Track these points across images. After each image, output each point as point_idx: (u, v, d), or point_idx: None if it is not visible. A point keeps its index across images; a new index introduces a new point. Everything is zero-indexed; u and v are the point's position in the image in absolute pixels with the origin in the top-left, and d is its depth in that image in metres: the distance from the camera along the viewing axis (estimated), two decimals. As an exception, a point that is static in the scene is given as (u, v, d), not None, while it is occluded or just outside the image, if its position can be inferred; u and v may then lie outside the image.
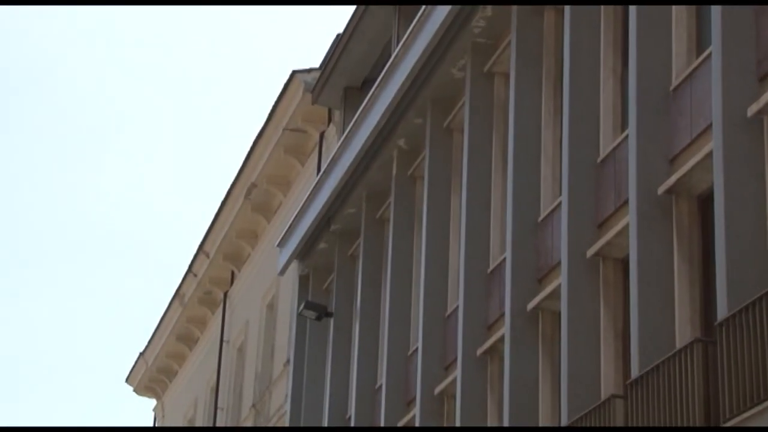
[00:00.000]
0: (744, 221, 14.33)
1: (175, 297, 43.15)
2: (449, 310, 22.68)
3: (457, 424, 20.83)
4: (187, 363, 44.99)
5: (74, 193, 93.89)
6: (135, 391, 49.59)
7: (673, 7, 17.14)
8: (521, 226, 19.72)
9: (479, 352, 20.84)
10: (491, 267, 21.27)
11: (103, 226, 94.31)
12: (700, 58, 16.18)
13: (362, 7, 27.43)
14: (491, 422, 20.78)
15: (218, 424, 38.29)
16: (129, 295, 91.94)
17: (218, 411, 38.55)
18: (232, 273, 39.45)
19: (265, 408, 34.05)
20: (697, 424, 13.77)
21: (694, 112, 16.10)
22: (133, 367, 48.57)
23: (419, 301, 23.58)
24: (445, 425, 22.35)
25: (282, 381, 32.13)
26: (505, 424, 19.04)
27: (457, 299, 21.77)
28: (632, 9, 17.26)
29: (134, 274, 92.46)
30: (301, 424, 29.02)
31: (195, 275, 41.04)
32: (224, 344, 38.94)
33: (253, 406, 35.24)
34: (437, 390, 22.46)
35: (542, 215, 19.60)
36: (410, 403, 23.67)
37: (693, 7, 17.03)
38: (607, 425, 15.69)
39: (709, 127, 15.28)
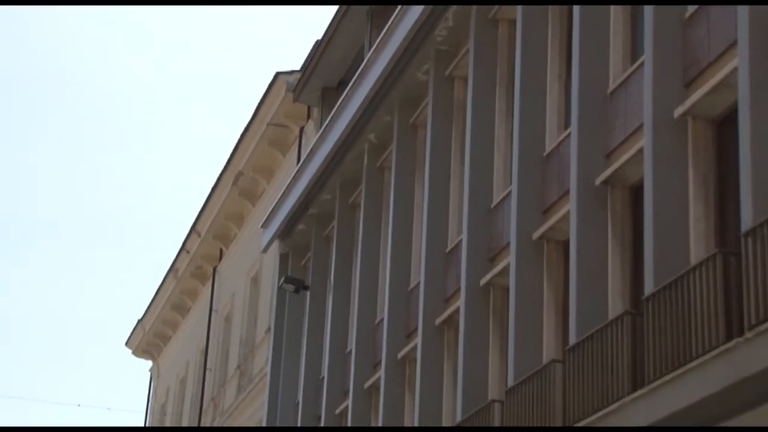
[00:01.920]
0: (669, 209, 14.51)
1: (170, 271, 43.16)
2: (412, 285, 22.67)
3: (417, 386, 20.93)
4: (180, 329, 44.99)
5: (84, 181, 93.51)
6: (133, 353, 49.61)
7: (611, 19, 17.17)
8: (476, 212, 19.77)
9: (437, 322, 20.91)
10: (449, 247, 21.31)
11: (108, 208, 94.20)
12: (634, 66, 16.30)
13: (339, 14, 27.33)
14: (447, 384, 20.83)
15: (207, 384, 38.30)
16: (129, 269, 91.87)
17: (207, 372, 38.56)
18: (221, 250, 39.48)
19: (249, 369, 34.08)
20: (626, 385, 13.84)
21: (628, 113, 16.21)
22: (132, 332, 48.57)
23: (386, 276, 23.59)
24: (406, 387, 22.43)
25: (263, 346, 32.15)
26: (459, 386, 19.08)
27: (419, 275, 21.81)
28: (575, 22, 17.34)
29: (134, 251, 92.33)
30: (280, 385, 29.02)
31: (188, 252, 41.06)
32: (213, 313, 38.96)
33: (238, 367, 35.27)
34: (400, 355, 22.54)
35: (494, 202, 19.65)
36: (376, 365, 23.71)
37: (629, 20, 17.05)
38: (547, 386, 15.73)
39: (641, 126, 15.43)
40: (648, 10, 15.50)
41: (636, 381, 13.83)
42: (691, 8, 15.16)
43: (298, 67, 30.77)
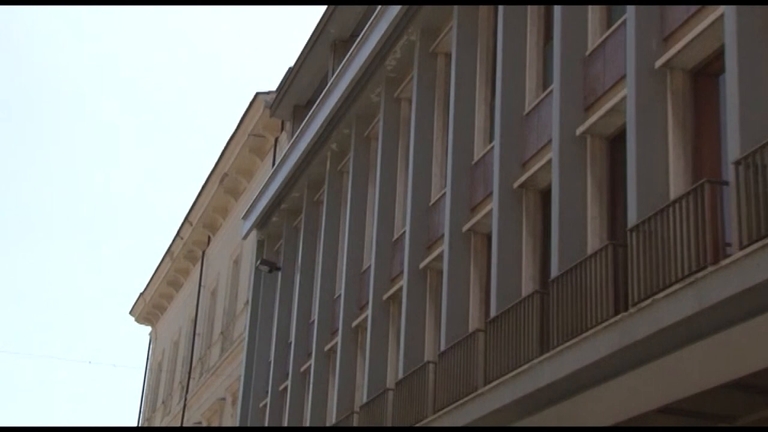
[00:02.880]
0: (571, 209, 14.63)
1: (167, 253, 43.05)
2: (364, 267, 22.71)
3: (368, 349, 20.94)
4: (174, 301, 44.88)
5: (94, 183, 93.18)
6: (136, 320, 49.41)
7: (527, 54, 17.06)
8: (417, 208, 19.83)
9: (385, 297, 20.96)
10: (395, 237, 21.36)
11: (119, 202, 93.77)
12: (545, 93, 16.26)
13: (309, 46, 27.23)
14: (391, 349, 20.79)
15: (195, 346, 38.26)
16: (134, 251, 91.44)
17: (196, 336, 38.49)
18: (209, 237, 39.40)
19: (230, 335, 34.05)
20: (535, 350, 13.91)
21: (539, 131, 16.16)
22: (135, 303, 48.45)
23: (343, 260, 23.59)
24: (358, 350, 22.63)
25: (243, 316, 32.13)
26: (401, 350, 18.95)
27: (370, 259, 21.80)
28: (499, 55, 17.24)
29: (138, 236, 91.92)
30: (255, 347, 28.98)
31: (182, 238, 40.96)
32: (201, 288, 38.86)
33: (222, 333, 35.22)
34: (354, 324, 22.58)
35: (432, 201, 19.68)
36: (334, 333, 23.73)
37: (541, 55, 16.94)
38: (472, 350, 15.84)
39: (550, 141, 15.45)
40: (556, 48, 15.43)
41: (543, 346, 13.88)
42: (591, 47, 15.10)
43: (274, 88, 30.78)
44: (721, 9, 11.96)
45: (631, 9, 13.72)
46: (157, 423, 44.18)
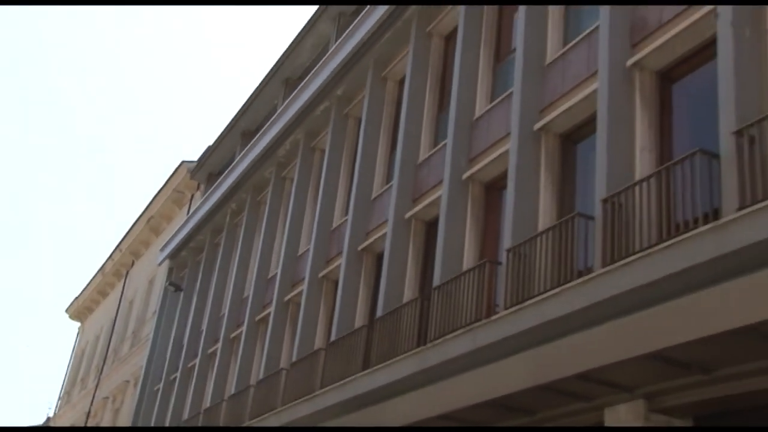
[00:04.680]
0: (454, 236, 13.16)
1: (99, 270, 41.81)
2: (273, 273, 22.75)
3: (267, 341, 19.33)
4: (100, 306, 43.49)
5: (46, 216, 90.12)
6: (70, 317, 47.88)
7: (423, 120, 15.53)
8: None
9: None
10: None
11: (75, 233, 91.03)
12: (437, 147, 14.84)
13: (225, 133, 26.94)
14: (287, 339, 19.17)
15: (112, 340, 37.10)
16: (75, 267, 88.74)
17: (113, 333, 37.45)
18: (133, 261, 38.42)
19: (139, 334, 33.17)
20: (414, 343, 12.57)
21: (431, 175, 14.69)
22: (70, 304, 46.94)
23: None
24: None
25: (150, 321, 31.38)
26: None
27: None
28: (401, 123, 15.77)
29: (81, 257, 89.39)
30: (157, 346, 28.25)
31: (113, 260, 39.83)
32: (122, 298, 37.82)
33: (133, 332, 34.31)
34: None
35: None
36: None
37: (435, 120, 15.47)
38: (357, 341, 14.42)
39: (439, 183, 14.08)
40: (451, 114, 14.00)
41: (420, 340, 12.64)
42: (479, 113, 13.73)
43: (196, 158, 30.61)
44: (595, 84, 10.91)
45: (517, 84, 12.46)
46: (74, 395, 42.54)
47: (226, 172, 25.10)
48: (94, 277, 43.07)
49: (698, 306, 7.43)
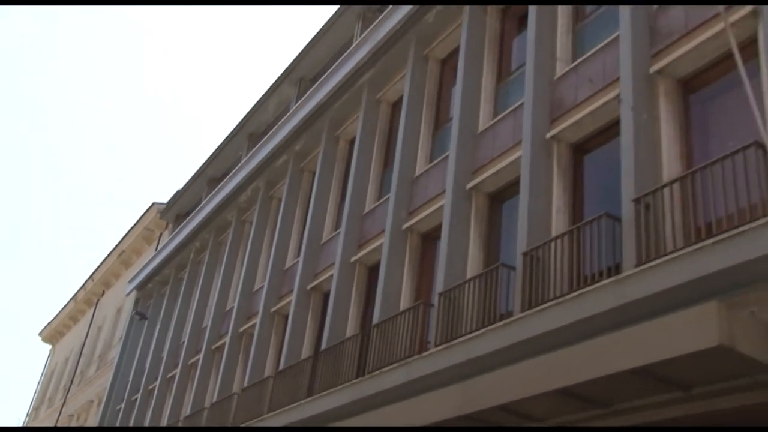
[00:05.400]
0: (393, 277, 13.12)
1: (72, 298, 40.75)
2: (229, 306, 21.46)
3: (221, 368, 18.95)
4: (71, 330, 42.34)
5: (42, 241, 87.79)
6: (42, 340, 46.47)
7: (370, 177, 15.28)
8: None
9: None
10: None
11: (52, 263, 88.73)
12: (381, 200, 14.71)
13: (192, 180, 26.57)
14: (239, 366, 18.79)
15: (80, 363, 36.13)
16: (51, 294, 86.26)
17: (81, 356, 36.46)
18: (104, 291, 37.69)
19: (105, 358, 32.33)
20: (354, 373, 12.79)
21: (374, 225, 14.64)
22: (44, 328, 45.59)
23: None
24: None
25: (116, 347, 30.65)
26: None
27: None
28: (351, 177, 15.66)
29: (56, 285, 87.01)
30: (121, 369, 27.60)
31: (85, 289, 38.92)
32: (92, 324, 36.93)
33: (99, 356, 33.50)
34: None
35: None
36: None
37: (380, 177, 15.45)
38: (302, 371, 14.37)
39: (381, 233, 14.09)
40: (394, 172, 14.02)
41: (359, 371, 12.56)
42: (419, 171, 13.71)
43: (166, 200, 30.30)
44: (519, 152, 11.01)
45: (453, 148, 12.41)
46: (42, 412, 41.13)
47: (193, 213, 24.88)
48: (67, 303, 42.07)
49: (601, 348, 7.62)
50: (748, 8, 8.49)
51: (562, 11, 11.81)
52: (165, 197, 32.57)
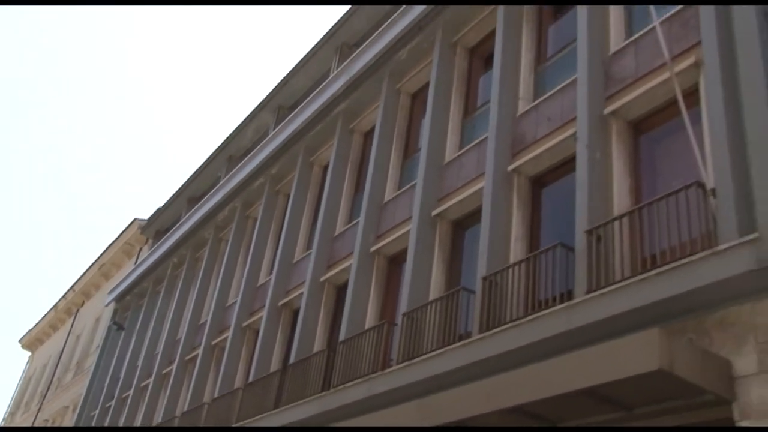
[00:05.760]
0: (360, 296, 13.01)
1: (53, 307, 40.08)
2: (203, 320, 21.16)
3: (194, 377, 18.67)
4: (51, 338, 41.54)
5: (31, 252, 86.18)
6: (22, 347, 45.54)
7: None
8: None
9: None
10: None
11: (32, 275, 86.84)
12: (351, 223, 14.66)
13: (173, 198, 26.50)
14: (210, 377, 18.49)
15: (57, 370, 35.42)
16: (32, 303, 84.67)
17: (59, 364, 35.75)
18: (84, 301, 37.08)
19: (82, 365, 31.77)
20: (320, 387, 12.68)
21: (344, 247, 14.44)
22: (24, 335, 44.72)
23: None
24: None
25: (93, 355, 30.10)
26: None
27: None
28: (324, 200, 15.53)
29: (37, 294, 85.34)
30: (97, 376, 27.11)
31: (66, 298, 38.26)
32: (71, 333, 36.29)
33: (77, 363, 32.90)
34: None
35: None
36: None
37: (351, 201, 15.26)
38: (270, 384, 14.11)
39: (351, 254, 13.98)
40: (364, 197, 13.86)
41: (325, 385, 12.50)
42: (388, 197, 13.64)
43: (146, 216, 30.04)
44: (482, 183, 11.07)
45: (420, 177, 12.38)
46: (18, 417, 40.18)
47: (172, 230, 24.67)
48: (48, 312, 41.35)
49: (552, 369, 7.68)
50: (692, 59, 8.73)
51: (526, 54, 12.02)
52: (146, 214, 32.29)
